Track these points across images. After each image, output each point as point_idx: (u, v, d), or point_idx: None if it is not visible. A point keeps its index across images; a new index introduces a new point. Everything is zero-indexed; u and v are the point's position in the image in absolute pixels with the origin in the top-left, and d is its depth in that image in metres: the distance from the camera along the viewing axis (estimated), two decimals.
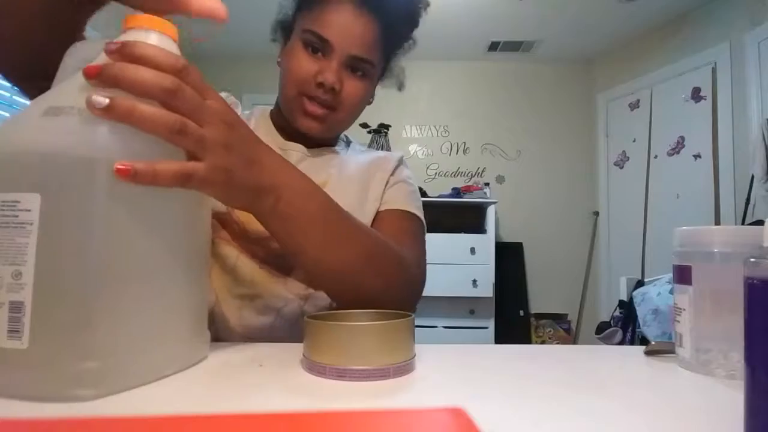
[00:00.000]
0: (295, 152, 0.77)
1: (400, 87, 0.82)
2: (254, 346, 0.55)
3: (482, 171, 3.94)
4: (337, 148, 0.83)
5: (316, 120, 0.71)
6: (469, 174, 3.93)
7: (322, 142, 0.79)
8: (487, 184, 3.71)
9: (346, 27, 0.69)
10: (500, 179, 3.93)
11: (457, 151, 3.95)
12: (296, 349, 0.48)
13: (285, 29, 0.78)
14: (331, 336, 0.43)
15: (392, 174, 0.80)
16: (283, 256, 0.66)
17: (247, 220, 0.66)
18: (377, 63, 0.74)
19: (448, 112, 3.94)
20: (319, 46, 0.69)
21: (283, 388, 0.39)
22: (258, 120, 0.81)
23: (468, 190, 3.54)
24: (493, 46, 3.70)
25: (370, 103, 0.80)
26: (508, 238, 3.84)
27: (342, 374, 0.41)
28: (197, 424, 0.13)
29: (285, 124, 0.77)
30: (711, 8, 2.98)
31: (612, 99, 3.76)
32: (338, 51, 0.69)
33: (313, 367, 0.42)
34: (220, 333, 0.66)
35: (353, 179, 0.77)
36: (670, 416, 0.34)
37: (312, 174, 0.66)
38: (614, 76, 3.73)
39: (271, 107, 0.84)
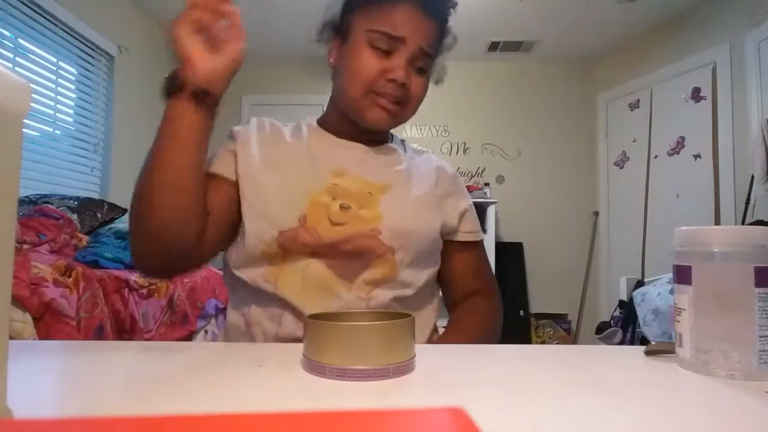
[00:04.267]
0: (355, 150, 0.80)
1: (438, 82, 0.86)
2: (254, 346, 0.55)
3: (482, 171, 3.94)
4: (393, 144, 0.87)
5: (386, 112, 0.76)
6: (469, 174, 3.93)
7: (378, 139, 0.84)
8: (487, 184, 3.71)
9: (415, 23, 0.74)
10: (500, 179, 3.93)
11: (457, 151, 3.95)
12: (296, 349, 0.48)
13: (336, 30, 0.80)
14: (332, 336, 0.43)
15: (465, 198, 0.87)
16: (351, 262, 0.71)
17: (319, 226, 0.70)
18: (434, 58, 0.79)
19: (448, 112, 3.94)
20: (387, 45, 0.73)
21: (283, 388, 0.39)
22: (309, 130, 0.83)
23: (468, 190, 3.53)
24: (493, 46, 3.70)
25: None
26: (508, 238, 3.84)
27: (342, 374, 0.41)
28: (197, 424, 0.13)
29: (341, 127, 0.81)
30: (711, 8, 2.98)
31: (612, 99, 3.76)
32: (410, 45, 0.73)
33: (314, 367, 0.42)
34: (278, 331, 0.69)
35: (419, 188, 0.80)
36: (670, 416, 0.34)
37: (377, 172, 0.78)
38: (614, 76, 3.73)
39: (316, 116, 0.87)
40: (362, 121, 0.77)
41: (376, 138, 0.83)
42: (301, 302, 0.68)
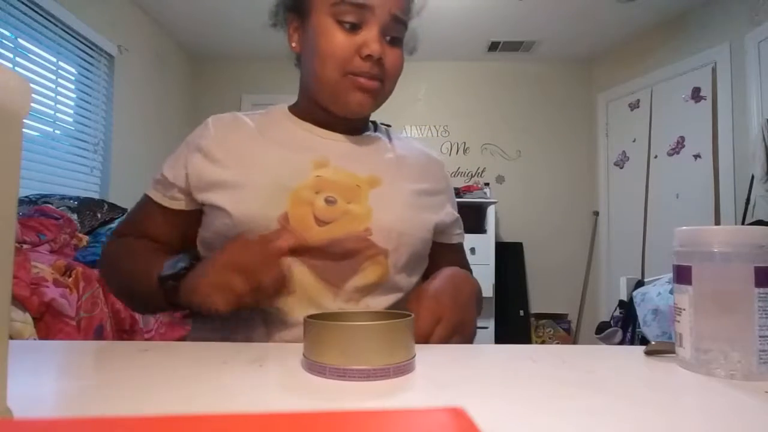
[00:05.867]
0: (337, 141, 0.74)
1: (412, 51, 0.79)
2: (254, 346, 0.55)
3: (482, 171, 3.94)
4: (377, 133, 0.80)
5: (369, 95, 0.69)
6: (469, 174, 3.93)
7: (357, 126, 0.77)
8: (487, 184, 3.71)
9: None
10: (500, 179, 3.93)
11: (457, 151, 3.95)
12: (296, 349, 0.48)
13: (293, 9, 0.73)
14: (332, 336, 0.43)
15: (453, 193, 0.85)
16: (339, 265, 0.65)
17: (304, 227, 0.65)
18: (407, 25, 0.72)
19: (448, 112, 3.94)
20: (355, 17, 0.67)
21: (283, 388, 0.39)
22: (278, 118, 0.77)
23: (468, 190, 3.54)
24: (493, 46, 3.70)
25: None
26: (508, 238, 3.84)
27: (342, 374, 0.41)
28: (197, 424, 0.13)
29: (315, 117, 0.75)
30: (711, 8, 2.98)
31: (612, 99, 3.76)
32: (379, 14, 0.67)
33: (314, 367, 0.42)
34: (267, 334, 0.65)
35: (411, 182, 0.75)
36: (670, 416, 0.34)
37: (363, 164, 0.72)
38: (614, 76, 3.73)
39: (287, 103, 0.81)
40: (344, 108, 0.70)
41: (355, 126, 0.77)
42: (276, 310, 0.62)
